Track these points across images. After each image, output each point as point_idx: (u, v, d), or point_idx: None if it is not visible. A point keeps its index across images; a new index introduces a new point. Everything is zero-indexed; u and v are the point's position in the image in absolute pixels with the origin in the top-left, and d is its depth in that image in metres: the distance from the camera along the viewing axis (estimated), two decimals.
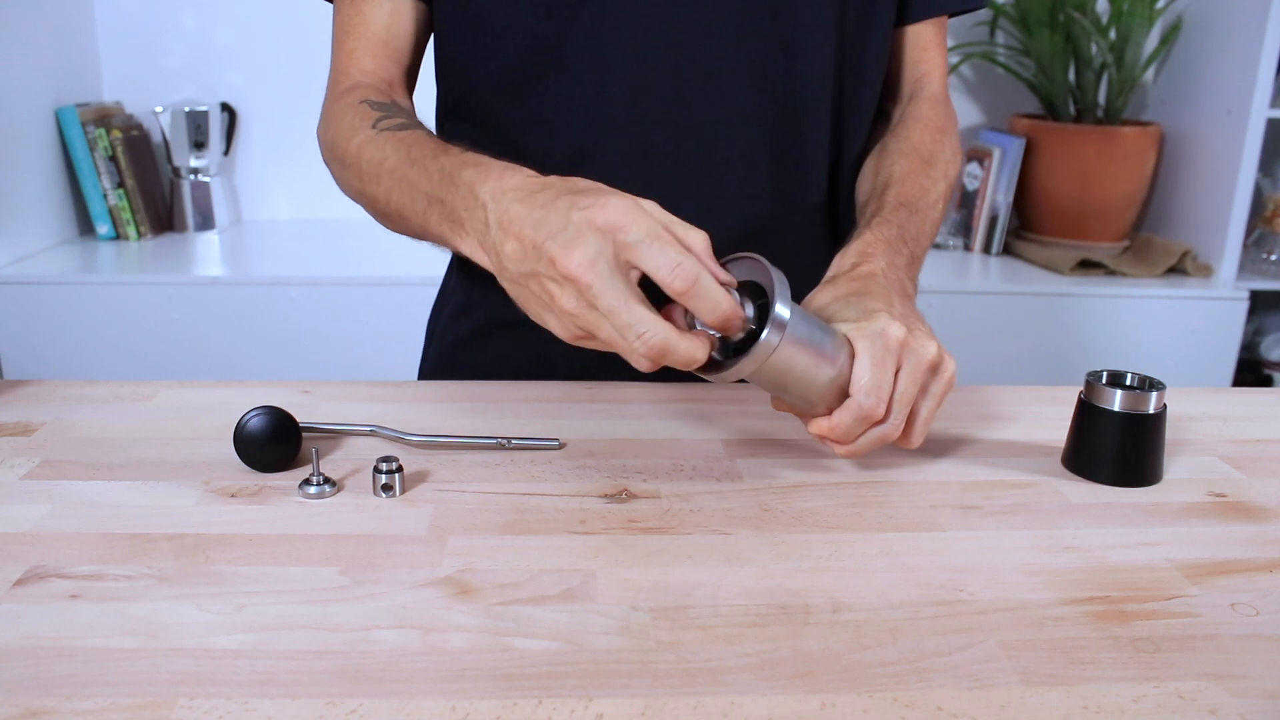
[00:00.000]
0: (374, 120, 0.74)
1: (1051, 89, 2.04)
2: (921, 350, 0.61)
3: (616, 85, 0.77)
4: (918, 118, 0.84)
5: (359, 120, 0.74)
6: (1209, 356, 1.93)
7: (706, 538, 0.57)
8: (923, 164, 0.80)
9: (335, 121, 0.77)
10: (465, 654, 0.46)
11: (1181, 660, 0.47)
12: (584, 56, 0.77)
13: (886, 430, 0.61)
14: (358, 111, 0.75)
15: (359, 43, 0.81)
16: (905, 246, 0.72)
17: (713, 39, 0.77)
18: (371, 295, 1.76)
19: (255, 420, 0.64)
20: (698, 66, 0.77)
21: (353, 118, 0.75)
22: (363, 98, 0.77)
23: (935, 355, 0.62)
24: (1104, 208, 2.03)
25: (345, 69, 0.81)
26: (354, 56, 0.81)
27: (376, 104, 0.76)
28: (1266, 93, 1.85)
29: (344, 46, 0.82)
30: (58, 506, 0.59)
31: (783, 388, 0.61)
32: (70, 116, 1.90)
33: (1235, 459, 0.71)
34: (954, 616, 0.50)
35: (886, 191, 0.77)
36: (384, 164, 0.70)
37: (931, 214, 0.78)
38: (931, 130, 0.83)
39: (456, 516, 0.59)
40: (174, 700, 0.42)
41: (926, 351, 0.62)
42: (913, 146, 0.81)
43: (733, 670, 0.45)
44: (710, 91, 0.78)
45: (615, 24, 0.76)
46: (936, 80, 0.87)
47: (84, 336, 1.76)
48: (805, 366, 0.59)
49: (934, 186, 0.79)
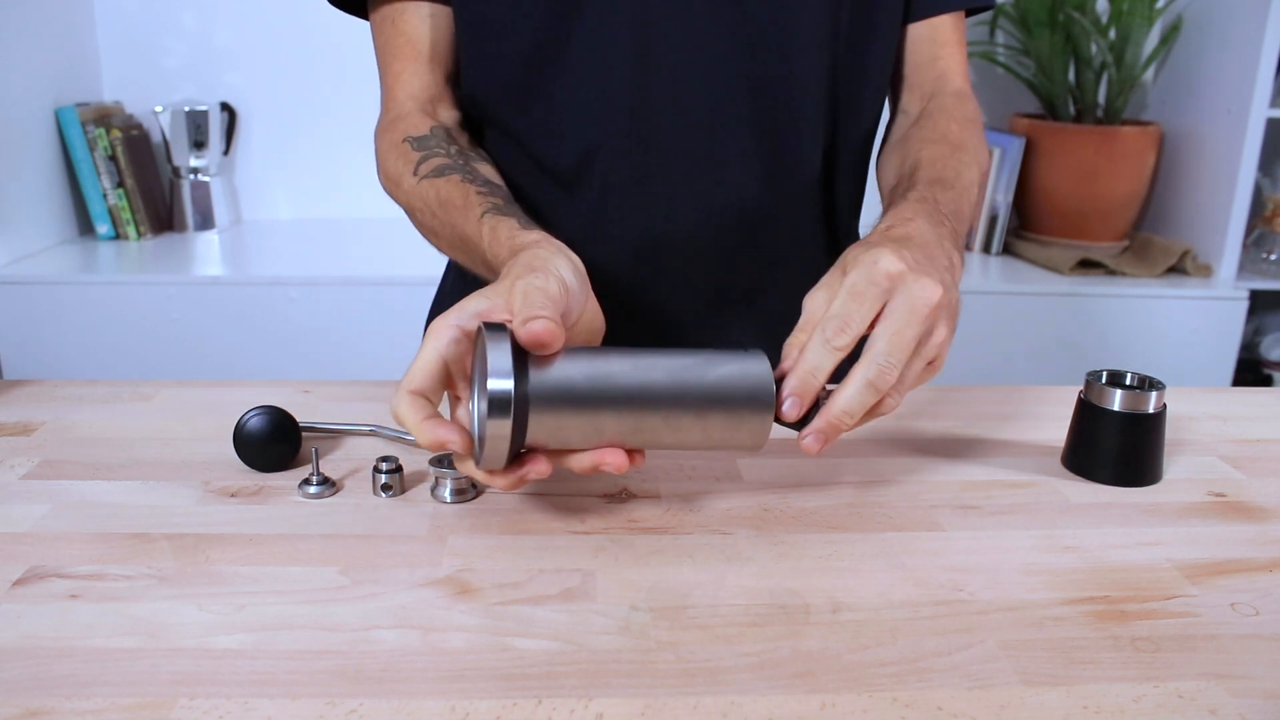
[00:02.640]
0: (414, 165, 0.74)
1: (1051, 89, 2.04)
2: (918, 290, 0.53)
3: (618, 87, 0.78)
4: (943, 110, 0.82)
5: (403, 164, 0.75)
6: (1209, 356, 1.92)
7: (706, 538, 0.57)
8: (953, 149, 0.76)
9: (385, 160, 0.78)
10: (465, 654, 0.46)
11: (1181, 660, 0.47)
12: (584, 62, 0.77)
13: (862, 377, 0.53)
14: (400, 153, 0.76)
15: (405, 64, 0.80)
16: (946, 221, 0.65)
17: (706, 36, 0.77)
18: (371, 295, 1.76)
19: (255, 420, 0.64)
20: (693, 64, 0.77)
21: (396, 159, 0.76)
22: (404, 134, 0.77)
23: (938, 299, 0.53)
24: (1104, 207, 2.03)
25: (393, 94, 0.81)
26: (401, 79, 0.80)
27: (416, 141, 0.76)
28: (1266, 93, 1.85)
29: (390, 69, 0.81)
30: (57, 506, 0.59)
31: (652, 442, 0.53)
32: (70, 116, 1.90)
33: (1235, 459, 0.71)
34: (954, 616, 0.50)
35: (917, 172, 0.71)
36: (431, 221, 0.73)
37: (968, 194, 0.71)
38: (959, 121, 0.80)
39: (456, 516, 0.59)
40: (174, 700, 0.42)
41: (925, 293, 0.53)
42: (940, 134, 0.78)
43: (732, 670, 0.45)
44: (705, 87, 0.78)
45: (613, 27, 0.76)
46: (958, 76, 0.86)
47: (84, 336, 1.75)
48: (588, 425, 0.52)
49: (966, 171, 0.73)
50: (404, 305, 1.73)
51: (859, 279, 0.54)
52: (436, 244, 0.77)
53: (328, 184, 2.14)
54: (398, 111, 0.80)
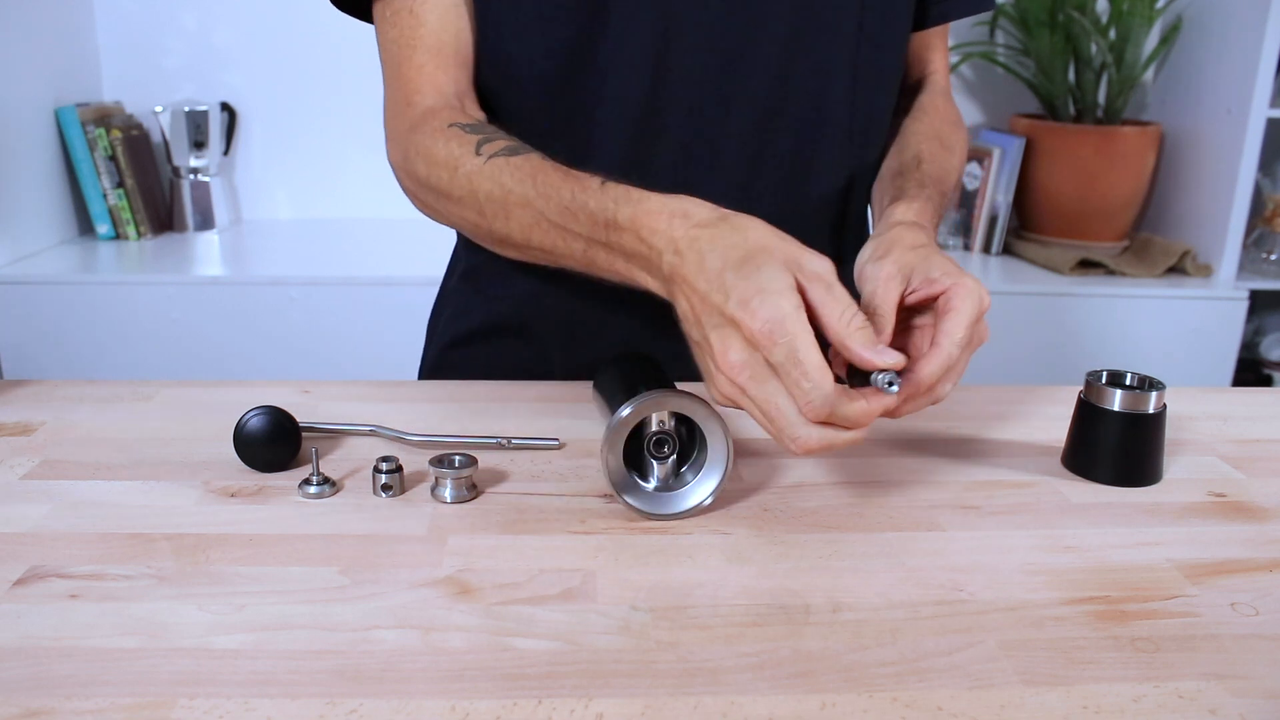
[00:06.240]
0: (474, 146, 0.70)
1: (1051, 89, 2.04)
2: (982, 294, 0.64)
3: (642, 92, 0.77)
4: (935, 109, 0.87)
5: (458, 147, 0.70)
6: (1209, 356, 1.93)
7: (706, 538, 0.57)
8: (944, 150, 0.83)
9: (424, 151, 0.72)
10: (465, 654, 0.46)
11: (1181, 660, 0.47)
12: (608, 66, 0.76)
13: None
14: (450, 137, 0.71)
15: (429, 57, 0.76)
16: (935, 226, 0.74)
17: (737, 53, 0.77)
18: (371, 295, 1.76)
19: (255, 420, 0.64)
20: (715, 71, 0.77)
21: (446, 145, 0.71)
22: (449, 121, 0.73)
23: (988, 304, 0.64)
24: (1104, 207, 2.03)
25: (417, 87, 0.76)
26: (425, 72, 0.76)
27: (467, 126, 0.72)
28: (1266, 93, 1.85)
29: (411, 61, 0.76)
30: (57, 506, 0.59)
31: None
32: (70, 116, 1.90)
33: (1235, 459, 0.71)
34: (954, 616, 0.50)
35: (920, 167, 0.79)
36: (508, 198, 0.67)
37: (949, 197, 0.82)
38: (949, 123, 0.86)
39: (456, 516, 0.59)
40: (174, 700, 0.42)
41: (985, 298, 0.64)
42: (935, 132, 0.84)
43: (732, 670, 0.45)
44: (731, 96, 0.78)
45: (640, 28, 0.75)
46: (942, 77, 0.91)
47: (84, 336, 1.76)
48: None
49: (952, 174, 0.83)
50: (404, 305, 1.73)
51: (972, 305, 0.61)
52: (500, 226, 0.69)
53: (328, 184, 2.14)
54: (427, 105, 0.75)
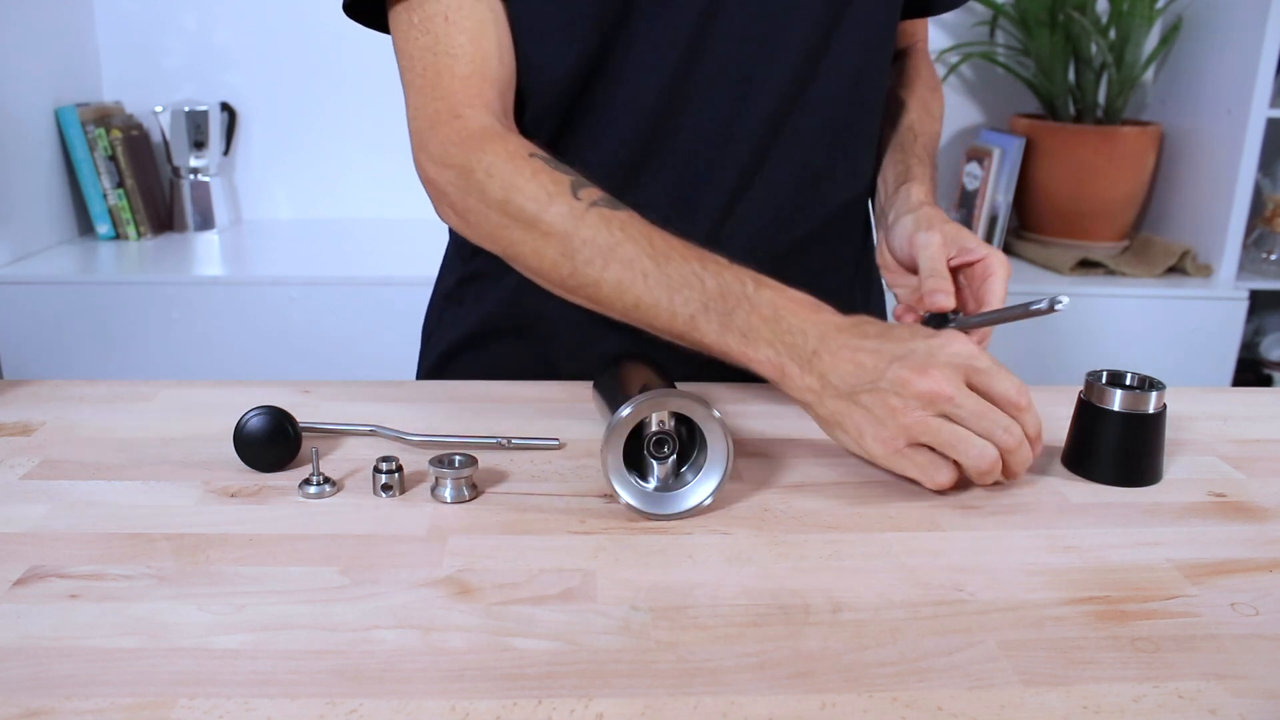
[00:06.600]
0: (569, 186, 0.67)
1: (1051, 89, 2.04)
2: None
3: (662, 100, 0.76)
4: (918, 72, 0.94)
5: (550, 183, 0.68)
6: (1209, 356, 1.92)
7: (706, 538, 0.57)
8: (930, 118, 0.91)
9: (499, 174, 0.69)
10: (465, 654, 0.46)
11: (1181, 660, 0.47)
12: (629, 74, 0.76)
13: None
14: (537, 169, 0.68)
15: (472, 68, 0.71)
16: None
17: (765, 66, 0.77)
18: (371, 295, 1.76)
19: (255, 420, 0.64)
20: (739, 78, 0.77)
21: (535, 177, 0.68)
22: (528, 151, 0.70)
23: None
24: (1104, 207, 2.03)
25: (465, 100, 0.71)
26: (470, 84, 0.71)
27: (550, 161, 0.69)
28: (1266, 93, 1.85)
29: (453, 71, 0.71)
30: (57, 506, 0.59)
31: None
32: (70, 116, 1.90)
33: (1235, 459, 0.71)
34: (954, 616, 0.50)
35: (916, 141, 0.87)
36: (614, 251, 0.66)
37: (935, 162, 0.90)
38: (929, 88, 0.94)
39: (456, 516, 0.59)
40: (174, 700, 0.42)
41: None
42: (922, 101, 0.92)
43: (732, 670, 0.45)
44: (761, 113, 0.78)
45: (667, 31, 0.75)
46: (922, 41, 0.98)
47: (84, 336, 1.75)
48: None
49: (937, 139, 0.92)
50: (404, 305, 1.73)
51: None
52: (590, 272, 0.67)
53: (328, 184, 2.14)
54: (482, 122, 0.71)
